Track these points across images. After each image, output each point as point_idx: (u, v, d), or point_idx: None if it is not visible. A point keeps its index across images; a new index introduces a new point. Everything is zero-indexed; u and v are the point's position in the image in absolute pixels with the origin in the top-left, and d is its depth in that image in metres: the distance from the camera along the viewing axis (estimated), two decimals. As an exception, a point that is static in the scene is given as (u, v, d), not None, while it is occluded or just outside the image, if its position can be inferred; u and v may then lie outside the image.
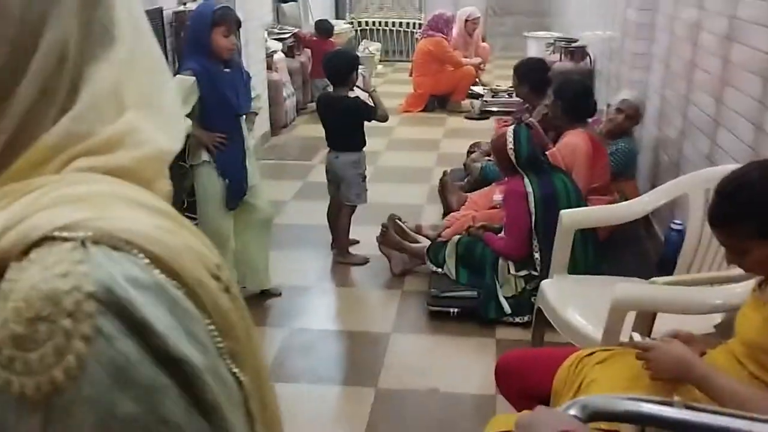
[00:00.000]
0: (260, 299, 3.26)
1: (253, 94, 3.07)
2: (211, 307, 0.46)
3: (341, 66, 3.47)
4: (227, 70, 2.89)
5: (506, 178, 3.21)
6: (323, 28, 6.77)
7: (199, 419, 0.43)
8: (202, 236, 0.50)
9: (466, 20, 7.24)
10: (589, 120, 3.57)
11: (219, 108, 2.86)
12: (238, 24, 2.95)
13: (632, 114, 3.65)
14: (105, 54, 0.48)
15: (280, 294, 3.31)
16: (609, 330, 1.94)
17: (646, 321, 1.96)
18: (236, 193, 3.00)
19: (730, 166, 2.40)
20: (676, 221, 3.17)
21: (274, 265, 3.51)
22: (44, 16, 0.45)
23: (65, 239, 0.41)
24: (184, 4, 4.46)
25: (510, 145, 3.04)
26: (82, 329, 0.39)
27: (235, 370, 0.47)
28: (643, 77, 4.16)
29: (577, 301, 2.38)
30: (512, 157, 3.03)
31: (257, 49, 5.62)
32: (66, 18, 0.46)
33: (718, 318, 2.11)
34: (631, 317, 1.98)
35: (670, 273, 2.60)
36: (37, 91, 0.45)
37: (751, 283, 1.67)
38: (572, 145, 3.26)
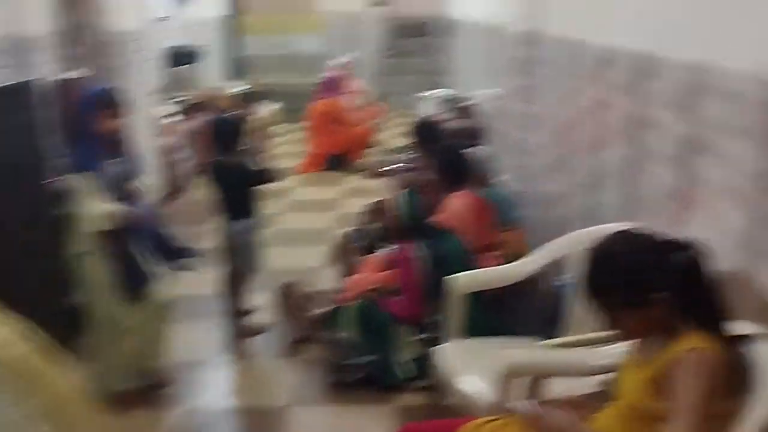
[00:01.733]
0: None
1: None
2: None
3: (227, 132, 3.44)
4: (114, 159, 2.86)
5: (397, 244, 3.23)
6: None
7: None
8: None
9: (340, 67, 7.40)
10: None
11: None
12: (123, 104, 2.94)
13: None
14: None
15: (166, 385, 3.14)
16: (500, 396, 1.95)
17: (535, 384, 1.99)
18: (135, 282, 2.89)
19: (606, 227, 2.52)
20: (565, 277, 3.27)
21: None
22: None
23: None
24: (63, 74, 4.32)
25: (396, 211, 3.07)
26: None
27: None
28: (528, 136, 4.34)
29: (470, 367, 2.39)
30: (400, 223, 3.07)
31: (147, 116, 5.50)
32: None
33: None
34: (522, 380, 2.00)
35: (561, 329, 2.67)
36: None
37: (631, 343, 1.73)
38: (455, 209, 3.32)
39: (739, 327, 1.61)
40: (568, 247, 2.65)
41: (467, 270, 2.85)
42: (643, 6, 2.69)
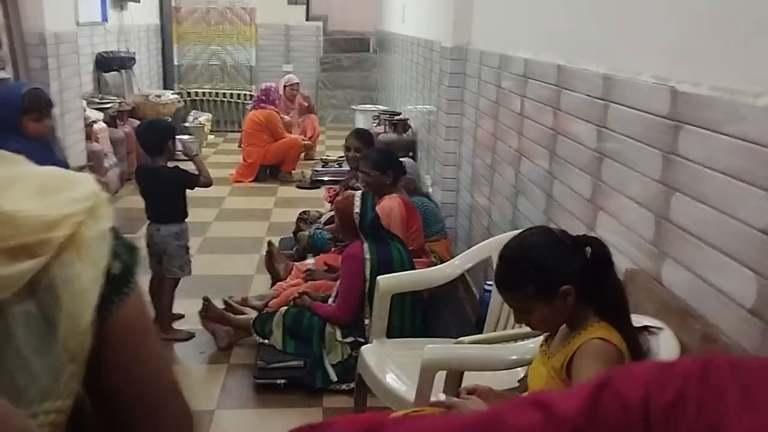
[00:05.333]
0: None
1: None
2: None
3: (155, 136, 3.42)
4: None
5: (340, 244, 3.27)
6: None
7: None
8: None
9: (285, 86, 7.49)
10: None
11: None
12: (50, 105, 2.88)
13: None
14: None
15: None
16: (420, 390, 2.02)
17: (454, 379, 2.07)
18: None
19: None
20: (488, 282, 3.39)
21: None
22: None
23: None
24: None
25: (356, 209, 3.10)
26: None
27: None
28: (456, 148, 4.47)
29: (394, 365, 2.46)
30: (356, 221, 3.10)
31: (75, 119, 5.40)
32: None
33: (522, 372, 2.27)
34: (441, 376, 2.07)
35: (483, 330, 2.77)
36: None
37: (541, 338, 1.83)
38: (388, 209, 3.41)
39: (640, 320, 1.73)
40: (490, 250, 2.75)
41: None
42: (557, 21, 2.84)
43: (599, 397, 0.59)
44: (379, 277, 2.68)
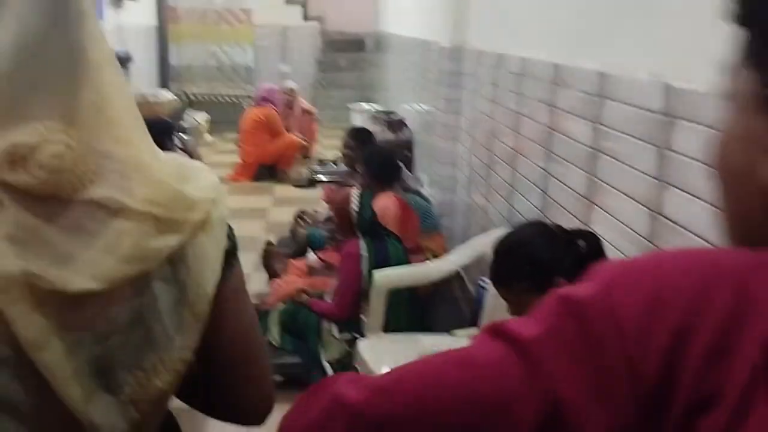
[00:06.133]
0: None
1: None
2: None
3: (153, 135, 3.42)
4: None
5: (339, 241, 3.29)
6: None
7: None
8: None
9: (283, 92, 7.53)
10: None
11: None
12: None
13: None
14: None
15: None
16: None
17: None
18: None
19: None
20: (483, 278, 3.40)
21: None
22: None
23: None
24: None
25: (354, 207, 3.13)
26: None
27: None
28: (453, 148, 4.48)
29: (390, 359, 2.47)
30: (354, 219, 3.12)
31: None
32: None
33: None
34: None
35: (479, 324, 2.79)
36: None
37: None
38: (382, 208, 3.43)
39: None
40: (482, 247, 2.77)
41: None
42: (552, 19, 2.86)
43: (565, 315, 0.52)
44: (375, 272, 2.69)
